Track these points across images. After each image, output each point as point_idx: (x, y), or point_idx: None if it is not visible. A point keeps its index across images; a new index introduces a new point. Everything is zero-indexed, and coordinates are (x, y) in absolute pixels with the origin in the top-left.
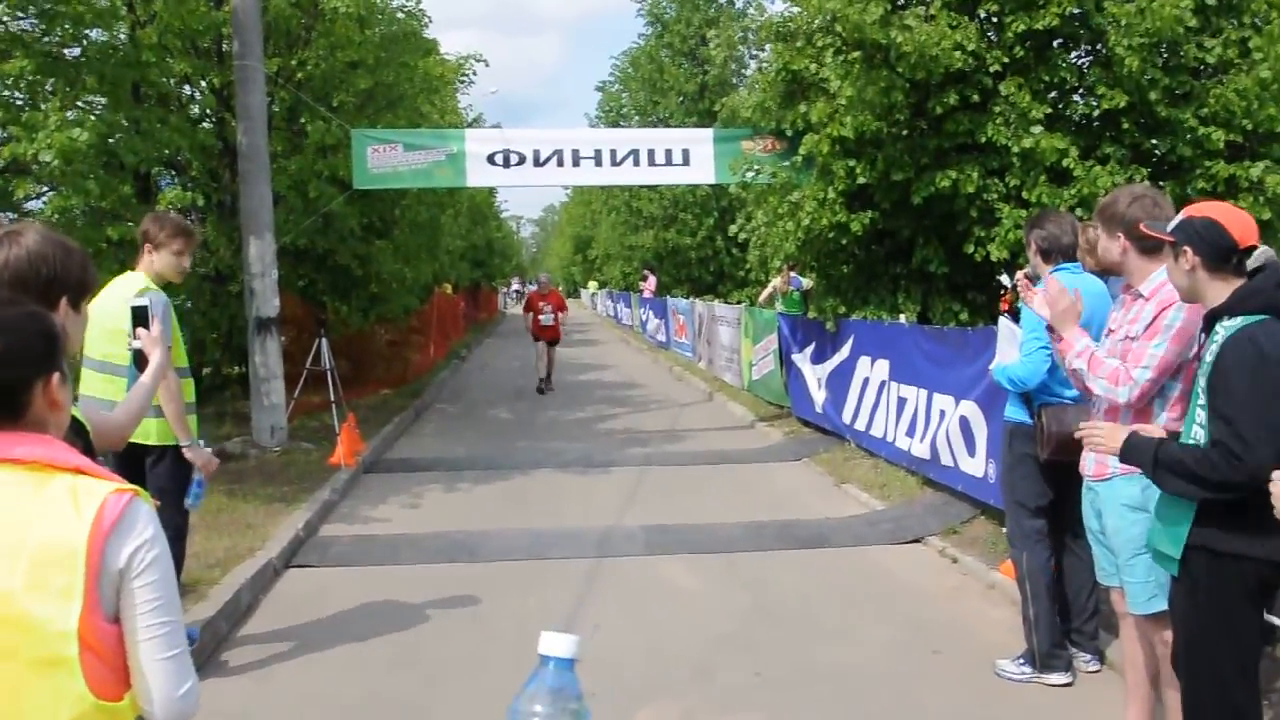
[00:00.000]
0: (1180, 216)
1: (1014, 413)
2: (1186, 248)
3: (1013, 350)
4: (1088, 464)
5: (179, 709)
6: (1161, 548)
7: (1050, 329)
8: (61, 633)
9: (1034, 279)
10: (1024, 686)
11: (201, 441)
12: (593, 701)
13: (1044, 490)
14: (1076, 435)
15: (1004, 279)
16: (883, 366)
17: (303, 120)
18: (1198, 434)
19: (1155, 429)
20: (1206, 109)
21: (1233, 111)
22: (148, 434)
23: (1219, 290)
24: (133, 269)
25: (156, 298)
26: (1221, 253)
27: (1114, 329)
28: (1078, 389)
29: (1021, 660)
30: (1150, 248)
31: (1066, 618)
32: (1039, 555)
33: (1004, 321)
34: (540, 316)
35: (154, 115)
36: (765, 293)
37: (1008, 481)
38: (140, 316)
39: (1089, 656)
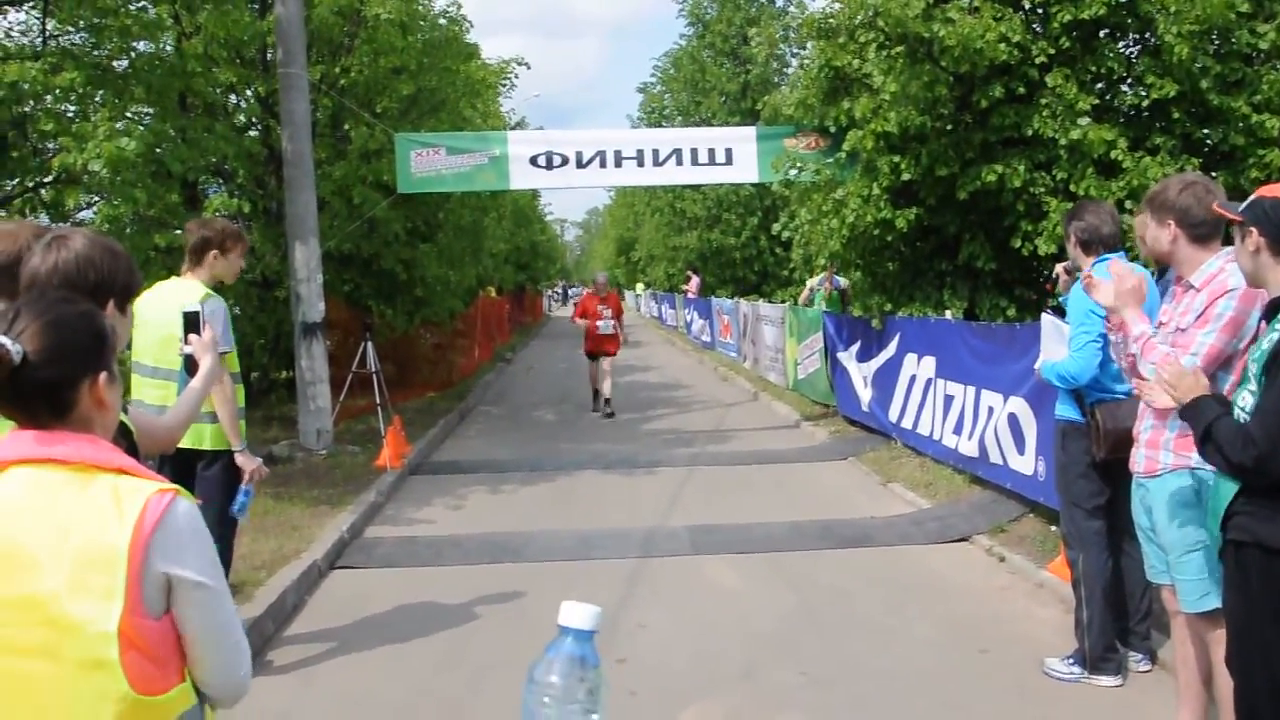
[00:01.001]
0: (1252, 196)
1: (1065, 411)
2: (1253, 228)
3: (1060, 348)
4: (1137, 461)
5: (236, 687)
6: (1213, 529)
7: (1107, 318)
8: (102, 634)
9: (1073, 272)
10: (1074, 686)
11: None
12: (637, 701)
13: (1100, 489)
14: (1136, 387)
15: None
16: (929, 364)
17: (346, 126)
18: (1239, 415)
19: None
20: (1260, 96)
21: None
22: (202, 439)
23: None
24: (177, 275)
25: (218, 305)
26: None
27: (1164, 321)
28: (1129, 378)
29: (1071, 660)
30: (1201, 236)
31: (1120, 618)
32: (1097, 557)
33: (1048, 318)
34: (598, 324)
35: (200, 124)
36: (805, 294)
37: (1063, 482)
38: (192, 322)
39: (1141, 656)
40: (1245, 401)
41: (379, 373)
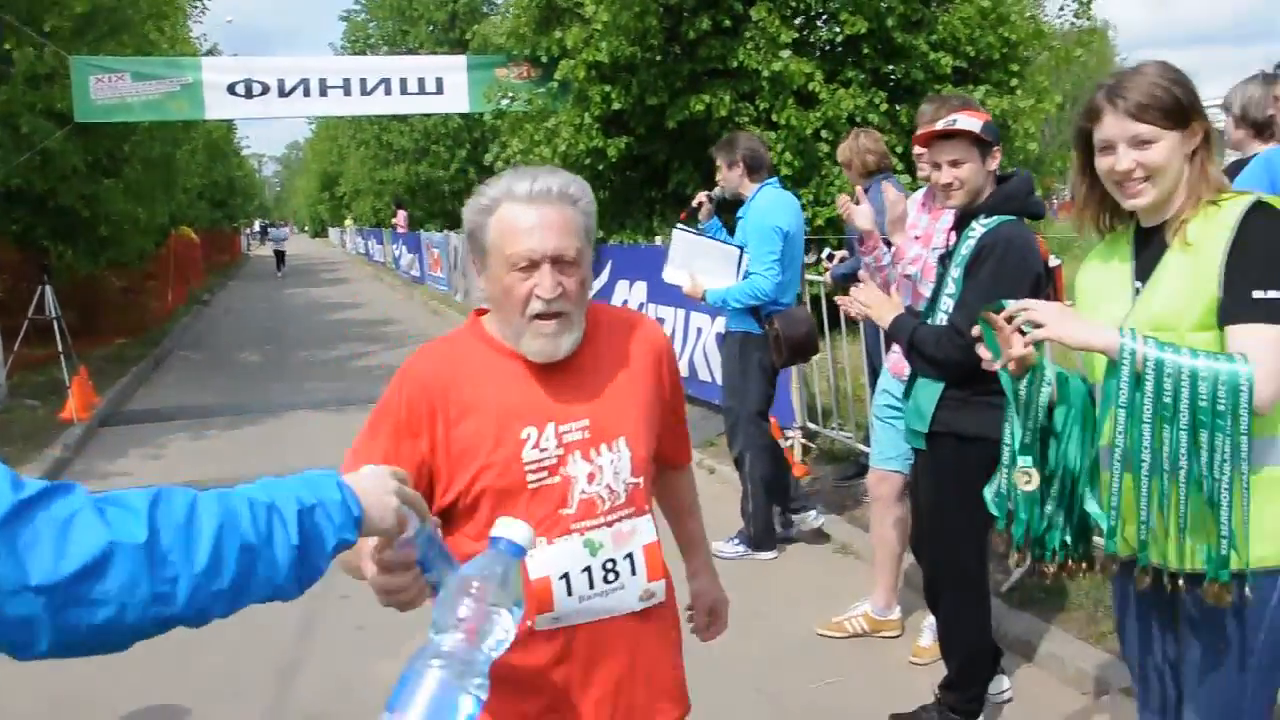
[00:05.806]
0: (976, 119)
1: (742, 324)
2: (998, 147)
3: (715, 267)
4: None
5: None
6: (914, 425)
7: (860, 240)
8: None
9: (715, 200)
10: (738, 562)
11: None
12: (364, 634)
13: (772, 394)
14: (839, 300)
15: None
16: (640, 289)
17: (8, 46)
18: (941, 320)
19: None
20: (936, 35)
21: (958, 39)
22: None
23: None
24: None
25: None
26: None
27: (918, 235)
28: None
29: (736, 540)
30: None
31: (783, 499)
32: (762, 455)
33: (683, 234)
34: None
35: None
36: None
37: (740, 391)
38: None
39: (814, 512)
40: (947, 305)
41: (60, 319)
